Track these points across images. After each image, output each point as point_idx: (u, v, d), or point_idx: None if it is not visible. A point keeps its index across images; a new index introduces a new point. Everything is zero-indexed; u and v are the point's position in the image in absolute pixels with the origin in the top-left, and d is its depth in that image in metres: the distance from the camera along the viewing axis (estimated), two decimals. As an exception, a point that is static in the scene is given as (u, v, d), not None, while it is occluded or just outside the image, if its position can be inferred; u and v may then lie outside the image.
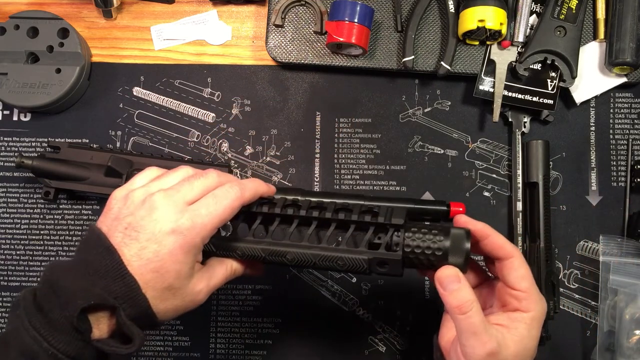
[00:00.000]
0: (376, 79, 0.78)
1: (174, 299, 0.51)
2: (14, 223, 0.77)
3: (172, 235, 0.49)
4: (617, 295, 0.70)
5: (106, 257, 0.49)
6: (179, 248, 0.50)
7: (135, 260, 0.49)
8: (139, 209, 0.51)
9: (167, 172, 0.55)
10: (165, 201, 0.51)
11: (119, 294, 0.48)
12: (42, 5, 0.80)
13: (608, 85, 0.74)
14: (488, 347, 0.52)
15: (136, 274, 0.49)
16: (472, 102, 0.76)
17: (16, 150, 0.78)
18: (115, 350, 0.48)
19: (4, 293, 0.76)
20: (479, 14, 0.70)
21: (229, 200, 0.53)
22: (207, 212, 0.51)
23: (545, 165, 0.73)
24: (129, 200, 0.52)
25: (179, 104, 0.78)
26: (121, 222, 0.50)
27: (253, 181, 0.57)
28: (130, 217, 0.50)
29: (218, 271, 0.57)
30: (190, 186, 0.52)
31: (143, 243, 0.49)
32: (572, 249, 0.74)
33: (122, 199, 0.53)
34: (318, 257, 0.57)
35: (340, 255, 0.57)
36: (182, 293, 0.52)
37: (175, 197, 0.51)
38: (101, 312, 0.49)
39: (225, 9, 0.79)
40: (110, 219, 0.52)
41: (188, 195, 0.52)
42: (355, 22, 0.71)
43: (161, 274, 0.49)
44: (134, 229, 0.50)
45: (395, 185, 0.76)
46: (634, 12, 0.71)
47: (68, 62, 0.75)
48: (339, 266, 0.57)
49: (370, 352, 0.74)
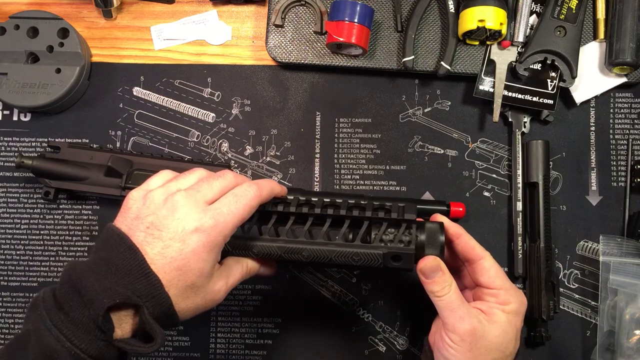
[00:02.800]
0: (376, 79, 0.78)
1: (195, 297, 0.52)
2: (14, 223, 0.77)
3: (195, 234, 0.50)
4: (617, 295, 0.70)
5: (129, 256, 0.49)
6: (202, 247, 0.50)
7: (159, 258, 0.49)
8: (160, 208, 0.51)
9: (183, 174, 0.56)
10: (187, 200, 0.51)
11: (143, 293, 0.48)
12: (42, 5, 0.80)
13: (608, 85, 0.74)
14: (467, 323, 0.56)
15: (159, 273, 0.49)
16: (472, 102, 0.76)
17: (16, 150, 0.78)
18: (137, 349, 0.48)
19: (4, 293, 0.76)
20: (479, 14, 0.70)
21: (248, 198, 0.54)
22: (228, 210, 0.52)
23: (545, 165, 0.73)
24: (148, 200, 0.52)
25: (179, 104, 0.78)
26: (142, 222, 0.51)
27: (268, 181, 0.58)
28: (152, 216, 0.51)
29: (235, 270, 0.57)
30: (209, 186, 0.53)
31: (166, 242, 0.50)
32: (572, 249, 0.74)
33: (140, 199, 0.53)
34: (334, 253, 0.59)
35: (356, 251, 0.59)
36: (203, 292, 0.52)
37: (196, 197, 0.52)
38: (124, 311, 0.49)
39: (225, 9, 0.79)
40: (129, 218, 0.52)
41: (208, 194, 0.53)
42: (355, 22, 0.71)
43: (184, 272, 0.50)
44: (156, 227, 0.50)
45: (395, 185, 0.76)
46: (634, 12, 0.71)
47: (68, 62, 0.75)
48: (354, 261, 0.59)
49: (370, 352, 0.74)
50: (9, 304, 0.76)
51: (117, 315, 0.48)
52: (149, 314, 0.48)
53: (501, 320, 0.57)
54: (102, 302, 0.46)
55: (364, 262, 0.59)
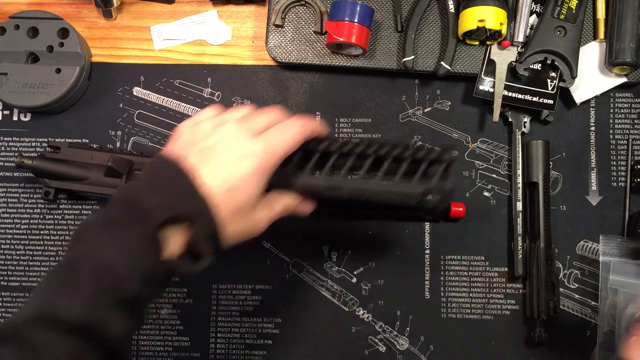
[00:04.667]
0: (376, 79, 0.78)
1: (241, 221, 0.53)
2: (14, 223, 0.77)
3: (246, 159, 0.52)
4: (617, 295, 0.70)
5: (182, 177, 0.50)
6: (252, 172, 0.52)
7: (211, 180, 0.51)
8: (211, 135, 0.53)
9: (228, 110, 0.57)
10: (237, 129, 0.54)
11: (195, 211, 0.49)
12: (42, 5, 0.80)
13: (608, 85, 0.74)
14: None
15: (211, 194, 0.50)
16: (472, 102, 0.76)
17: (16, 150, 0.78)
18: (186, 268, 0.50)
19: (4, 293, 0.76)
20: (479, 14, 0.70)
21: (294, 132, 0.56)
22: (276, 141, 0.54)
23: (545, 165, 0.73)
24: (199, 129, 0.54)
25: (179, 104, 0.78)
26: (195, 147, 0.53)
27: (312, 119, 0.59)
28: (204, 142, 0.53)
29: (277, 203, 0.58)
30: (257, 119, 0.56)
31: (218, 165, 0.51)
32: (572, 249, 0.74)
33: (191, 127, 0.55)
34: (374, 191, 0.59)
35: (396, 189, 0.59)
36: (249, 218, 0.54)
37: (245, 127, 0.54)
38: (175, 229, 0.50)
39: (225, 9, 0.79)
40: (181, 145, 0.54)
41: (256, 126, 0.55)
42: (355, 22, 0.71)
43: (234, 195, 0.51)
44: (208, 152, 0.52)
45: (395, 185, 0.76)
46: (634, 12, 0.71)
47: (68, 62, 0.75)
48: (393, 198, 0.59)
49: (370, 352, 0.74)
50: (9, 304, 0.76)
51: (167, 232, 0.49)
52: (199, 232, 0.50)
53: None
54: (156, 218, 0.48)
55: (402, 199, 0.60)
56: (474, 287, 0.74)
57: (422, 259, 0.75)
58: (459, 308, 0.74)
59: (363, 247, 0.75)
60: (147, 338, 0.75)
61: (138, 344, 0.75)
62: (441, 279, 0.75)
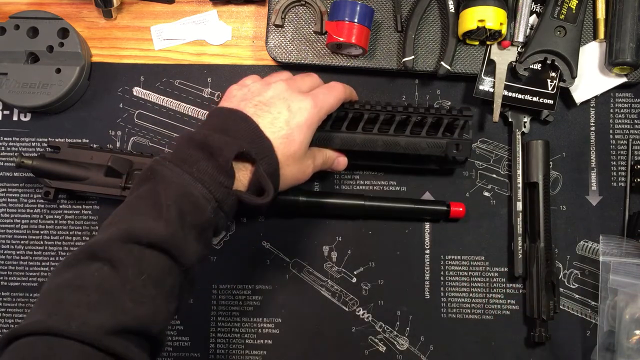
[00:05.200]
0: (376, 79, 0.78)
1: (293, 166, 0.60)
2: (14, 223, 0.77)
3: (299, 111, 0.59)
4: (617, 295, 0.70)
5: (243, 123, 0.57)
6: (304, 122, 0.59)
7: (269, 127, 0.58)
8: (265, 90, 0.60)
9: (271, 75, 0.64)
10: (287, 86, 0.61)
11: (258, 151, 0.56)
12: (42, 5, 0.80)
13: (608, 85, 0.74)
14: None
15: (270, 138, 0.57)
16: (472, 102, 0.76)
17: (16, 150, 0.78)
18: (252, 200, 0.56)
19: (4, 293, 0.76)
20: (479, 14, 0.70)
21: (337, 92, 0.64)
22: (324, 97, 0.62)
23: (545, 165, 0.73)
24: (251, 88, 0.61)
25: (179, 104, 0.78)
26: (250, 101, 0.59)
27: (347, 86, 0.67)
28: (259, 96, 0.60)
29: (319, 155, 0.66)
30: (302, 80, 0.64)
31: (275, 115, 0.58)
32: (572, 249, 0.74)
33: (241, 88, 0.62)
34: (404, 142, 0.69)
35: (424, 140, 0.69)
36: (299, 163, 0.61)
37: (293, 86, 0.62)
38: (242, 165, 0.57)
39: (225, 9, 0.79)
40: (236, 101, 0.60)
41: (302, 86, 0.63)
42: (355, 22, 0.71)
43: (289, 142, 0.58)
44: (264, 104, 0.59)
45: (395, 185, 0.76)
46: (634, 12, 0.71)
47: (68, 62, 0.75)
48: (422, 149, 0.69)
49: (370, 352, 0.74)
50: (9, 304, 0.76)
51: (236, 167, 0.56)
52: (262, 169, 0.56)
53: None
54: (229, 151, 0.54)
55: (429, 150, 0.69)
56: (474, 287, 0.74)
57: (422, 259, 0.75)
58: (459, 308, 0.74)
59: (363, 247, 0.75)
60: (147, 338, 0.75)
61: (138, 344, 0.75)
62: (441, 279, 0.75)
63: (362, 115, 0.70)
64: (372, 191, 0.76)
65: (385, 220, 0.75)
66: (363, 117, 0.70)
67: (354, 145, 0.69)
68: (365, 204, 0.73)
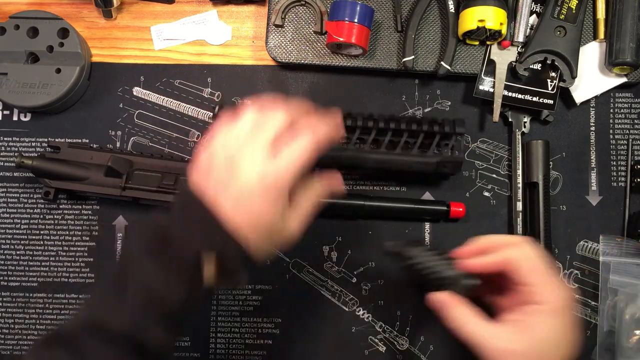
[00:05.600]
0: (376, 79, 0.78)
1: (271, 240, 0.55)
2: (14, 223, 0.77)
3: (259, 189, 0.53)
4: (617, 295, 0.70)
5: (204, 212, 0.53)
6: (267, 202, 0.53)
7: (231, 211, 0.52)
8: (222, 167, 0.54)
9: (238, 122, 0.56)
10: (248, 157, 0.54)
11: (222, 239, 0.52)
12: (42, 5, 0.80)
13: (608, 85, 0.74)
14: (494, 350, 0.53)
15: (235, 223, 0.52)
16: (472, 102, 0.76)
17: (16, 150, 0.78)
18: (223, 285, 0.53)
19: (4, 293, 0.76)
20: (479, 14, 0.70)
21: (306, 145, 0.55)
22: (287, 161, 0.54)
23: (545, 165, 0.73)
24: (212, 160, 0.55)
25: (179, 104, 0.78)
26: (209, 181, 0.54)
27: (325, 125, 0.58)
28: (216, 175, 0.54)
29: (303, 204, 0.58)
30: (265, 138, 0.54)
31: (234, 200, 0.53)
32: (572, 249, 0.74)
33: (206, 159, 0.55)
34: (395, 161, 0.70)
35: (415, 159, 0.70)
36: (278, 235, 0.56)
37: (255, 151, 0.54)
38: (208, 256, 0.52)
39: (225, 9, 0.79)
40: (201, 173, 0.55)
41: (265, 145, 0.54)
42: (355, 22, 0.71)
43: (256, 223, 0.53)
44: (222, 187, 0.53)
45: (395, 185, 0.76)
46: (634, 12, 0.71)
47: (68, 62, 0.75)
48: (412, 167, 0.70)
49: (370, 352, 0.74)
50: (9, 304, 0.76)
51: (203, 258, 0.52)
52: (228, 259, 0.52)
53: (538, 328, 0.53)
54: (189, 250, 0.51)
55: (420, 168, 0.70)
56: (474, 287, 0.74)
57: (422, 259, 0.75)
58: (459, 308, 0.74)
59: (363, 247, 0.75)
60: (147, 338, 0.75)
61: (138, 344, 0.75)
62: (441, 279, 0.74)
63: (354, 130, 0.70)
64: (372, 191, 0.76)
65: (385, 220, 0.75)
66: (355, 132, 0.70)
67: (344, 162, 0.70)
68: (365, 204, 0.73)
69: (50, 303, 0.76)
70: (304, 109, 0.58)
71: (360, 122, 0.70)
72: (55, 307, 0.76)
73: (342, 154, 0.70)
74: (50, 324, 0.75)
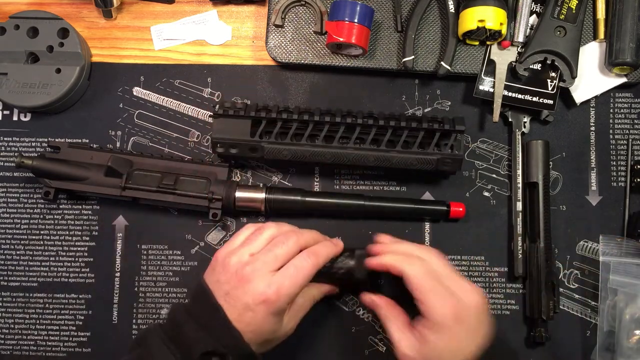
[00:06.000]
0: (376, 79, 0.78)
1: (271, 343, 0.63)
2: (14, 223, 0.77)
3: (262, 305, 0.59)
4: (617, 295, 0.70)
5: (215, 313, 0.59)
6: (269, 315, 0.60)
7: (237, 321, 0.59)
8: (233, 278, 0.60)
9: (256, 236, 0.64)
10: (255, 273, 0.60)
11: (228, 344, 0.58)
12: (42, 5, 0.80)
13: (608, 85, 0.74)
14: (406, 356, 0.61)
15: (239, 328, 0.59)
16: (472, 102, 0.76)
17: (16, 150, 0.78)
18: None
19: (4, 293, 0.76)
20: (479, 14, 0.70)
21: (307, 270, 0.62)
22: (290, 282, 0.60)
23: (545, 165, 0.73)
24: (226, 268, 0.62)
25: (179, 104, 0.78)
26: (221, 287, 0.61)
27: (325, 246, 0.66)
28: (227, 285, 0.60)
29: (303, 306, 0.66)
30: (274, 257, 0.61)
31: (240, 310, 0.59)
32: (572, 249, 0.74)
33: (221, 264, 0.62)
34: (395, 159, 0.70)
35: (415, 157, 0.70)
36: (277, 339, 0.64)
37: (263, 269, 0.61)
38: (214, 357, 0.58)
39: (225, 9, 0.79)
40: (213, 280, 0.62)
41: (272, 265, 0.61)
42: (355, 22, 0.71)
43: (259, 333, 0.60)
44: (231, 297, 0.60)
45: (395, 185, 0.76)
46: (634, 12, 0.71)
47: (68, 62, 0.75)
48: (412, 165, 0.70)
49: (370, 352, 0.74)
50: (9, 304, 0.76)
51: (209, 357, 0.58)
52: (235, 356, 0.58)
53: (431, 340, 0.60)
54: (196, 350, 0.57)
55: (420, 165, 0.70)
56: (474, 287, 0.74)
57: (422, 259, 0.75)
58: (459, 308, 0.74)
59: (363, 247, 0.75)
60: (147, 338, 0.75)
61: (138, 344, 0.75)
62: (441, 279, 0.74)
63: (354, 128, 0.70)
64: (372, 191, 0.76)
65: (385, 220, 0.75)
66: (356, 130, 0.70)
67: (345, 160, 0.70)
68: (365, 204, 0.73)
69: (50, 303, 0.76)
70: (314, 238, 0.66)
71: (360, 120, 0.70)
72: (55, 307, 0.76)
73: (343, 152, 0.70)
74: (50, 323, 0.75)
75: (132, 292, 0.75)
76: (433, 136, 0.70)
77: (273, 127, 0.71)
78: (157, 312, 0.75)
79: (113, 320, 0.75)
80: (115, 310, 0.75)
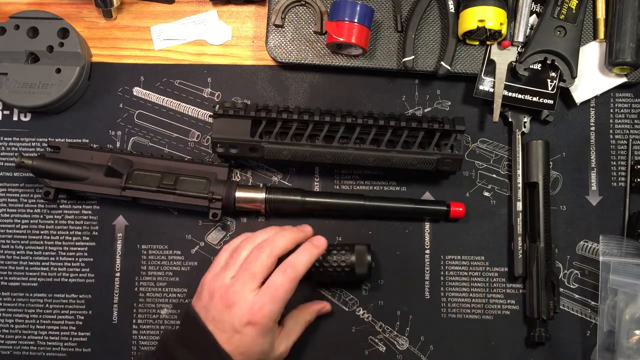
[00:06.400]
0: (376, 79, 0.78)
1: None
2: (14, 223, 0.77)
3: (249, 327, 0.61)
4: (617, 295, 0.70)
5: (204, 338, 0.61)
6: (257, 335, 0.61)
7: (226, 344, 0.61)
8: (219, 303, 0.62)
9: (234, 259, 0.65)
10: (237, 297, 0.61)
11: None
12: (42, 5, 0.80)
13: (608, 85, 0.74)
14: None
15: (229, 351, 0.60)
16: (472, 102, 0.76)
17: (16, 150, 0.78)
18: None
19: (4, 293, 0.76)
20: (479, 14, 0.70)
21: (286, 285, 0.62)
22: (271, 302, 0.61)
23: (545, 165, 0.73)
24: (211, 294, 0.63)
25: (179, 104, 0.78)
26: (209, 312, 0.62)
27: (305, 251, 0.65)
28: (214, 310, 0.62)
29: (295, 330, 0.68)
30: (252, 276, 0.62)
31: (229, 333, 0.61)
32: (572, 249, 0.74)
33: (207, 290, 0.64)
34: (395, 159, 0.70)
35: (415, 157, 0.70)
36: (270, 358, 0.64)
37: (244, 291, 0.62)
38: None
39: (225, 9, 0.79)
40: (200, 306, 0.63)
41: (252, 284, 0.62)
42: (355, 22, 0.71)
43: (248, 355, 0.62)
44: (219, 322, 0.61)
45: (395, 185, 0.76)
46: (634, 12, 0.71)
47: (68, 62, 0.75)
48: (412, 165, 0.70)
49: (370, 352, 0.74)
50: (9, 304, 0.76)
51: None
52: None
53: None
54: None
55: (420, 165, 0.70)
56: (474, 287, 0.74)
57: (422, 259, 0.75)
58: (459, 308, 0.74)
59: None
60: (147, 338, 0.75)
61: (138, 344, 0.75)
62: (441, 279, 0.75)
63: (354, 128, 0.70)
64: (372, 191, 0.76)
65: (385, 220, 0.75)
66: (356, 130, 0.70)
67: (345, 160, 0.70)
68: (365, 204, 0.73)
69: (50, 303, 0.76)
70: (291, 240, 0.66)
71: (360, 120, 0.70)
72: (55, 307, 0.76)
73: (342, 153, 0.70)
74: (50, 324, 0.75)
75: (132, 292, 0.75)
76: (433, 136, 0.70)
77: (273, 127, 0.71)
78: (157, 312, 0.75)
79: (113, 320, 0.75)
80: (115, 310, 0.75)
